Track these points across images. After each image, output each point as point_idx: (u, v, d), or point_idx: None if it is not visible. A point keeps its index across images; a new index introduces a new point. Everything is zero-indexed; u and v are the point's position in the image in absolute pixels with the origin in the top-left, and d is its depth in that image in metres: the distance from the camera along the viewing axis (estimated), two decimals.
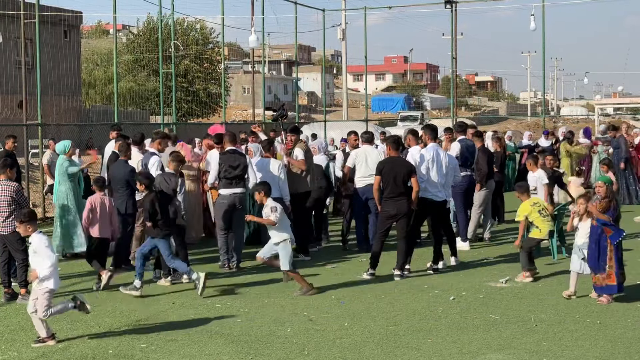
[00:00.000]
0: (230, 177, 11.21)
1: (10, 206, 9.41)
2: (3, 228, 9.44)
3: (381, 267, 10.73)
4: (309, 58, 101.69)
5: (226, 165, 11.25)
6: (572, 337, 7.66)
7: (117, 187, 11.13)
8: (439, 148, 11.37)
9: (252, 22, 26.97)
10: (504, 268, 11.21)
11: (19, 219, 7.92)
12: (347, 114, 40.68)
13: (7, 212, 9.39)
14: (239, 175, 11.28)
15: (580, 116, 69.66)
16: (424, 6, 34.01)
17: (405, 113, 52.46)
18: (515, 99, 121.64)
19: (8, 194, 9.44)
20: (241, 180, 11.34)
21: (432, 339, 7.65)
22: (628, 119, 55.62)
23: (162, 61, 23.85)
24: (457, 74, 41.42)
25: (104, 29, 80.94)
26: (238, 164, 11.28)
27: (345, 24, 36.86)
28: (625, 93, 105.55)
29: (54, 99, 28.75)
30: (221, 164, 11.27)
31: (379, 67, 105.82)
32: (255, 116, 33.12)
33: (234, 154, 11.39)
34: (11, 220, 9.29)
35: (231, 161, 11.28)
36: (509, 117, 65.96)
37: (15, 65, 32.26)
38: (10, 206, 9.41)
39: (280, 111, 14.85)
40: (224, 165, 11.25)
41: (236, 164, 11.28)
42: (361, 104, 65.52)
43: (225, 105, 30.65)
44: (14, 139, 13.99)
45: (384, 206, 10.58)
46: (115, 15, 20.42)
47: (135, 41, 48.30)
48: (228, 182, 11.20)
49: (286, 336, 7.77)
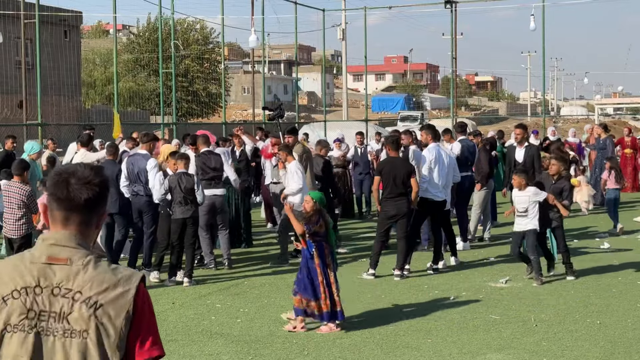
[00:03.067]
0: (207, 178, 11.25)
1: (21, 209, 9.32)
2: (12, 231, 9.35)
3: (381, 267, 10.73)
4: (309, 58, 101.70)
5: (202, 166, 11.29)
6: (572, 337, 7.66)
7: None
8: (440, 148, 11.36)
9: (252, 22, 26.97)
10: (504, 268, 11.20)
11: None
12: (347, 114, 40.68)
13: (18, 214, 9.28)
14: (216, 176, 11.36)
15: (580, 116, 69.59)
16: (424, 6, 34.03)
17: (405, 113, 52.47)
18: (515, 99, 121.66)
19: (20, 198, 9.32)
20: (219, 180, 11.42)
21: (432, 339, 7.65)
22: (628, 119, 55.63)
23: (162, 61, 23.87)
24: (457, 74, 41.42)
25: (104, 29, 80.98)
26: (214, 165, 11.35)
27: (345, 24, 36.83)
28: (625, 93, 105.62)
29: (54, 99, 28.78)
30: (197, 166, 11.30)
31: (379, 67, 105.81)
32: (255, 116, 33.14)
33: (209, 155, 11.46)
34: (22, 224, 9.27)
35: (208, 162, 11.35)
36: (509, 117, 65.97)
37: (15, 65, 32.28)
38: (21, 209, 9.31)
39: (278, 111, 14.84)
40: (200, 166, 11.28)
41: (212, 165, 11.34)
42: (361, 104, 65.50)
43: (225, 105, 30.65)
44: (13, 139, 14.00)
45: (384, 206, 10.59)
46: (115, 15, 20.44)
47: (135, 41, 48.32)
48: (207, 183, 11.23)
49: (286, 336, 7.77)
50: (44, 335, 2.43)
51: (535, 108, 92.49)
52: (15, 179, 9.57)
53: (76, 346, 2.41)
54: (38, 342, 2.42)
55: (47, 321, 2.43)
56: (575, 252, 12.36)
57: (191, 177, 10.36)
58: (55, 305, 2.43)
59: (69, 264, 2.47)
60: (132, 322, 2.46)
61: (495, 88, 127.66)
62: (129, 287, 2.47)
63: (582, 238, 13.83)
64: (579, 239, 13.74)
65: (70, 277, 2.45)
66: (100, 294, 2.44)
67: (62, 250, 2.48)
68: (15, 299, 2.44)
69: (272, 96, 68.53)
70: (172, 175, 10.46)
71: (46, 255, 2.47)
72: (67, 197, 2.51)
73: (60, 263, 2.46)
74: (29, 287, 2.44)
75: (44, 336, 2.43)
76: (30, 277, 2.45)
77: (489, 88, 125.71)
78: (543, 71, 31.10)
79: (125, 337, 2.45)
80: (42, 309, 2.44)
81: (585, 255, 12.24)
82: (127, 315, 2.45)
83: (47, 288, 2.44)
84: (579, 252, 12.46)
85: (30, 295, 2.44)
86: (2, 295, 2.45)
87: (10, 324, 2.44)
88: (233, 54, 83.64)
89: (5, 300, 2.45)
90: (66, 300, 2.43)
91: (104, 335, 2.42)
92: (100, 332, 2.42)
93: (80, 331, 2.41)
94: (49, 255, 2.47)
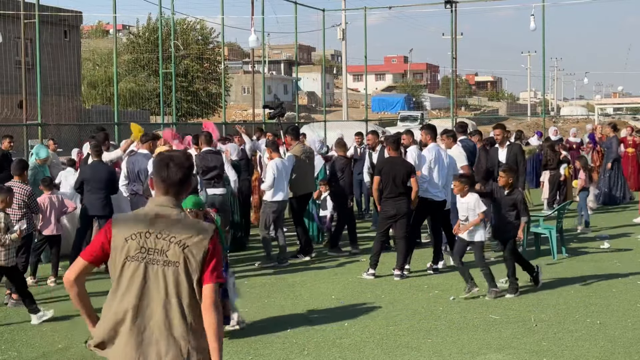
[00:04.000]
0: (207, 177, 11.25)
1: (22, 209, 9.28)
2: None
3: (381, 267, 10.73)
4: (309, 58, 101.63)
5: (202, 165, 11.29)
6: (572, 337, 7.66)
7: (95, 188, 10.73)
8: (440, 148, 11.36)
9: (252, 22, 26.97)
10: (504, 268, 11.17)
11: None
12: (347, 114, 40.67)
13: (18, 215, 9.21)
14: (216, 175, 11.36)
15: (580, 116, 69.53)
16: (424, 6, 34.03)
17: (405, 113, 52.42)
18: (515, 99, 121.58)
19: (20, 197, 9.27)
20: (220, 180, 11.41)
21: (432, 339, 7.65)
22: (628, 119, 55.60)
23: (162, 61, 23.86)
24: (457, 74, 41.41)
25: (104, 29, 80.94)
26: (214, 165, 11.35)
27: (345, 24, 36.84)
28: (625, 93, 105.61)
29: (54, 99, 28.76)
30: (198, 165, 11.29)
31: (379, 67, 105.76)
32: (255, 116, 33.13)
33: (210, 154, 11.45)
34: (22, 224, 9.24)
35: (207, 161, 11.34)
36: (509, 117, 65.94)
37: (15, 65, 32.27)
38: (21, 209, 9.27)
39: (279, 109, 14.76)
40: (200, 166, 11.28)
41: (212, 164, 11.34)
42: (361, 104, 65.49)
43: (225, 105, 30.65)
44: (10, 139, 13.97)
45: (384, 206, 10.58)
46: (115, 15, 20.44)
47: (136, 41, 48.29)
48: (207, 182, 11.23)
49: (286, 336, 7.77)
50: (150, 264, 3.69)
51: (535, 108, 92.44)
52: (15, 179, 9.53)
53: (171, 271, 3.68)
54: (146, 269, 3.69)
55: (153, 255, 3.69)
56: (575, 252, 12.38)
57: (194, 177, 10.37)
58: (159, 244, 3.68)
59: (168, 218, 3.73)
60: (206, 258, 3.70)
61: (495, 88, 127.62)
62: (206, 236, 3.73)
63: (582, 238, 13.82)
64: (579, 239, 13.74)
65: (169, 226, 3.71)
66: (187, 238, 3.69)
67: (164, 209, 3.75)
68: (133, 239, 3.70)
69: (272, 96, 68.56)
70: None
71: (154, 212, 3.75)
72: (168, 176, 3.77)
73: (163, 217, 3.73)
74: (142, 232, 3.70)
75: (150, 265, 3.69)
76: (143, 225, 3.71)
77: (489, 88, 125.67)
78: (543, 71, 31.12)
79: (201, 267, 3.69)
80: (150, 247, 3.69)
81: (585, 255, 12.25)
82: (204, 254, 3.70)
83: (154, 233, 3.70)
84: (579, 252, 12.47)
85: (143, 237, 3.69)
86: (125, 236, 3.70)
87: (129, 255, 3.69)
88: (233, 54, 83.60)
89: (127, 240, 3.70)
90: (165, 242, 3.68)
91: (189, 265, 3.68)
92: (187, 263, 3.68)
93: (174, 262, 3.68)
94: (156, 212, 3.75)
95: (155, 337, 3.67)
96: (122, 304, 3.69)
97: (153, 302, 3.68)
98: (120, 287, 3.71)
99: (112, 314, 3.70)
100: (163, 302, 3.67)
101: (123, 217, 3.88)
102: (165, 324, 3.67)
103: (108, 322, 3.71)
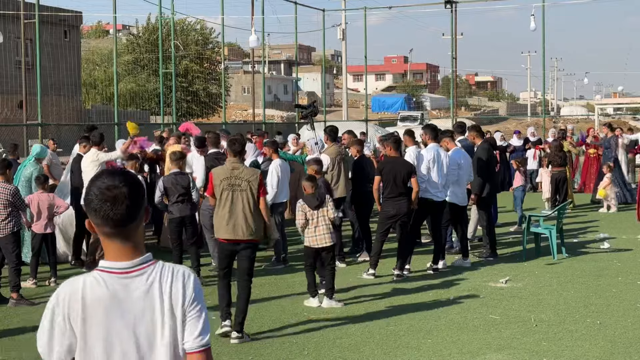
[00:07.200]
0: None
1: (7, 208, 9.28)
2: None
3: (381, 267, 10.73)
4: (309, 58, 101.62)
5: (212, 167, 11.16)
6: (572, 337, 7.66)
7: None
8: (439, 148, 11.35)
9: (252, 22, 26.99)
10: (504, 268, 11.20)
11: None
12: (347, 114, 40.65)
13: (3, 214, 9.24)
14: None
15: (580, 116, 69.56)
16: (424, 6, 34.07)
17: (405, 113, 52.39)
18: (515, 99, 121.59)
19: (4, 197, 9.27)
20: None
21: (432, 339, 7.65)
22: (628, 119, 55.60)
23: (162, 61, 23.86)
24: (457, 74, 41.40)
25: (104, 29, 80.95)
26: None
27: (345, 24, 36.82)
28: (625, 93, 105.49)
29: (54, 99, 28.78)
30: (205, 166, 11.20)
31: (379, 67, 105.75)
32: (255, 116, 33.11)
33: (216, 156, 11.32)
34: (7, 223, 9.23)
35: (217, 163, 11.22)
36: (509, 117, 65.95)
37: (15, 65, 32.26)
38: (6, 208, 9.27)
39: (311, 108, 14.16)
40: (208, 167, 11.17)
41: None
42: (361, 104, 65.48)
43: (225, 105, 30.65)
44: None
45: (384, 206, 10.58)
46: (115, 15, 20.45)
47: (135, 41, 48.29)
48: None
49: (286, 336, 7.77)
50: (234, 191, 7.75)
51: (535, 108, 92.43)
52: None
53: (245, 194, 7.75)
54: (232, 194, 7.75)
55: (235, 186, 7.76)
56: (575, 252, 12.37)
57: (185, 175, 10.37)
58: (237, 181, 7.77)
59: (239, 168, 7.85)
60: (259, 186, 7.81)
61: (495, 88, 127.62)
62: (257, 174, 7.90)
63: (582, 238, 13.82)
64: (579, 239, 13.73)
65: (240, 171, 7.83)
66: (250, 177, 7.80)
67: (236, 165, 7.87)
68: (223, 180, 7.78)
69: (272, 96, 68.57)
70: (166, 176, 10.49)
71: (231, 167, 7.84)
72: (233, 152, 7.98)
73: (237, 169, 7.83)
74: (228, 177, 7.79)
75: (233, 192, 7.75)
76: (228, 172, 7.83)
77: (489, 88, 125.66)
78: (543, 71, 31.14)
79: (258, 190, 7.80)
80: (233, 183, 7.76)
81: (585, 255, 12.24)
82: (257, 184, 7.80)
83: (233, 177, 7.78)
84: (579, 252, 12.47)
85: (229, 178, 7.77)
86: (221, 178, 7.78)
87: (224, 187, 7.76)
88: (233, 54, 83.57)
89: (222, 180, 7.78)
90: (239, 180, 7.77)
91: (253, 189, 7.77)
92: (251, 189, 7.75)
93: (245, 189, 7.75)
94: (232, 167, 7.84)
95: (240, 222, 7.69)
96: (223, 210, 7.73)
97: (237, 208, 7.70)
98: (221, 203, 7.76)
99: (219, 216, 7.78)
100: (242, 208, 7.70)
101: (215, 170, 8.03)
102: (243, 217, 7.69)
103: (218, 219, 7.79)
